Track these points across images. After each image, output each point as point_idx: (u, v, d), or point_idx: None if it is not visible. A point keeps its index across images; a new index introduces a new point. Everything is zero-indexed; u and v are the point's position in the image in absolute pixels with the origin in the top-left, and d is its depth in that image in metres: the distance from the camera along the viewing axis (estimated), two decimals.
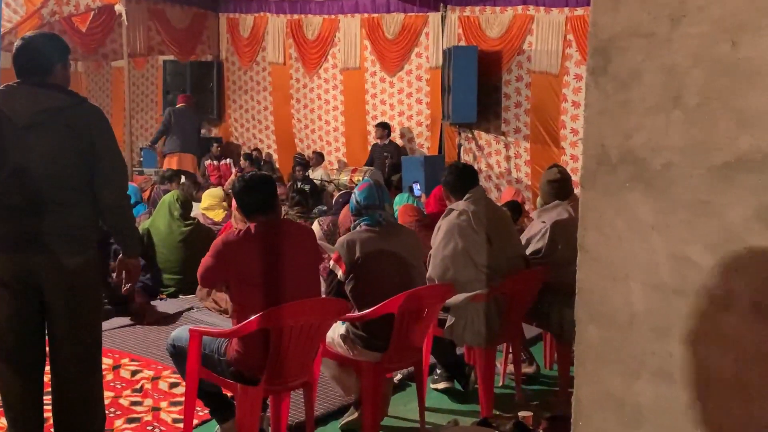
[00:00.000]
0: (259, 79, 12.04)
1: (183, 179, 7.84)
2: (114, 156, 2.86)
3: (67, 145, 2.73)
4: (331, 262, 3.37)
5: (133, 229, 3.01)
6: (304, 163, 10.54)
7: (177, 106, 10.17)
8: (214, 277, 3.05)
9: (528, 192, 8.95)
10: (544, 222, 4.06)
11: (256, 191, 3.08)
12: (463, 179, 3.83)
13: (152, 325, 5.08)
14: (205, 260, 3.05)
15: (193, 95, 10.87)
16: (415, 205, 6.01)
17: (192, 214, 6.54)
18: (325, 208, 7.61)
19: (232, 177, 9.65)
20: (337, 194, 7.40)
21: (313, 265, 3.16)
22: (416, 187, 7.78)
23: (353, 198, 3.52)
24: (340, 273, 3.37)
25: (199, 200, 7.27)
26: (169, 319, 5.21)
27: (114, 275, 4.60)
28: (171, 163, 9.74)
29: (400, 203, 6.80)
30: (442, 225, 3.72)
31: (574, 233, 1.68)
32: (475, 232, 3.62)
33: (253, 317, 2.84)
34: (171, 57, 11.86)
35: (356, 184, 9.43)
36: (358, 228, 3.47)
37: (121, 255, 2.99)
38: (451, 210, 3.73)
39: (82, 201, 2.80)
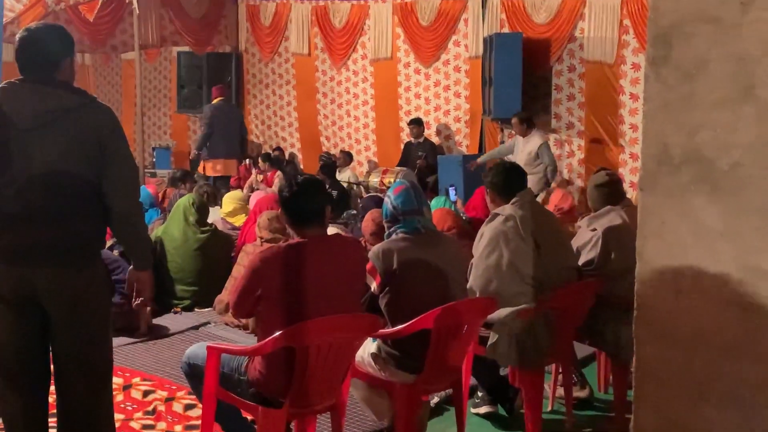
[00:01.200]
0: (281, 71, 12.15)
1: (203, 182, 7.91)
2: (126, 161, 2.89)
3: (75, 149, 2.75)
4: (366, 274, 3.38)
5: (145, 240, 3.05)
6: (331, 164, 10.60)
7: (214, 101, 9.81)
8: (251, 302, 2.98)
9: (582, 196, 8.88)
10: (595, 229, 4.03)
11: (310, 200, 3.05)
12: (509, 181, 3.83)
13: (159, 338, 5.14)
14: (240, 283, 3.00)
15: (223, 86, 10.36)
16: (452, 209, 6.01)
17: (212, 220, 6.63)
18: (354, 212, 7.64)
19: (276, 180, 9.74)
20: (366, 197, 7.43)
21: (359, 283, 3.18)
22: (452, 191, 7.76)
23: (388, 202, 3.53)
24: (374, 286, 3.39)
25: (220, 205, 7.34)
26: (185, 335, 5.27)
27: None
28: (215, 170, 9.66)
29: (435, 208, 6.81)
30: (486, 231, 3.71)
31: (629, 241, 1.67)
32: (522, 240, 3.61)
33: (277, 333, 2.86)
34: (186, 48, 12.02)
35: (388, 187, 9.53)
36: (393, 236, 3.48)
37: (132, 267, 3.02)
38: (496, 215, 3.72)
39: (90, 210, 2.82)
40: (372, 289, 3.40)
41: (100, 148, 2.78)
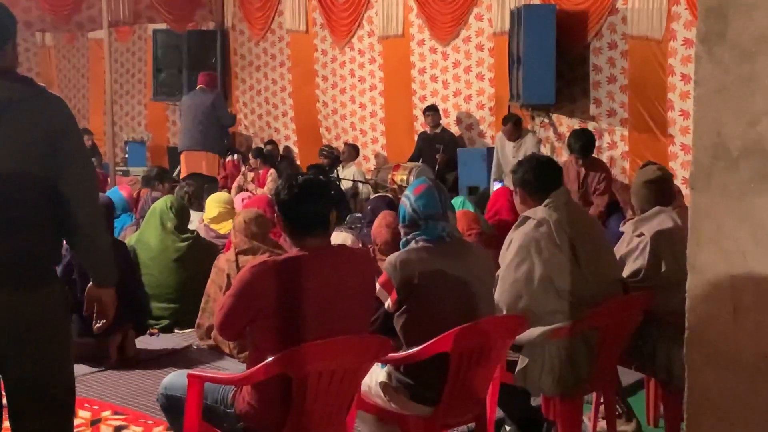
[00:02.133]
0: (274, 51, 12.18)
1: (184, 181, 7.93)
2: (85, 161, 2.89)
3: (22, 149, 2.72)
4: (377, 287, 3.34)
5: (107, 252, 3.03)
6: (333, 159, 10.63)
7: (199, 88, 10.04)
8: (241, 323, 2.98)
9: (626, 194, 8.85)
10: (642, 234, 4.02)
11: (312, 204, 3.04)
12: (543, 178, 3.81)
13: (131, 360, 5.15)
14: (227, 301, 2.99)
15: (211, 74, 10.53)
16: (474, 212, 6.01)
17: (194, 226, 6.63)
18: (359, 215, 7.65)
19: (269, 180, 9.78)
20: (373, 197, 7.43)
21: (369, 301, 3.18)
22: (498, 184, 7.82)
23: (407, 204, 3.51)
24: (389, 302, 3.37)
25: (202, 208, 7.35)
26: (162, 360, 5.28)
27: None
28: (185, 167, 9.78)
29: (457, 209, 6.81)
30: (515, 238, 3.70)
31: (682, 247, 1.66)
32: (558, 249, 3.60)
33: (269, 359, 2.87)
34: (163, 25, 12.09)
35: (399, 185, 9.57)
36: (413, 244, 3.47)
37: (91, 284, 3.02)
38: (527, 218, 3.71)
39: (42, 219, 2.81)
40: (386, 306, 3.39)
41: (53, 148, 2.75)
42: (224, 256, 5.42)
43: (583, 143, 7.58)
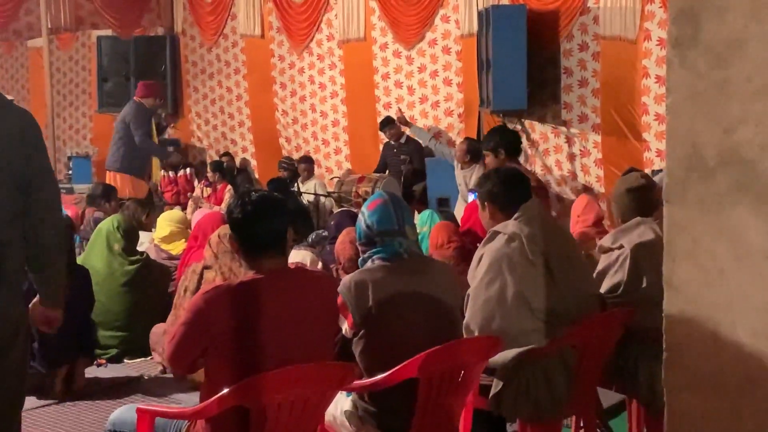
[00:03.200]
0: (228, 58, 12.13)
1: (129, 200, 7.85)
2: (52, 178, 2.96)
3: None
4: None
5: (62, 273, 3.10)
6: (294, 171, 10.59)
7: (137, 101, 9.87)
8: (194, 354, 2.96)
9: (603, 203, 8.90)
10: (622, 246, 4.04)
11: (266, 222, 3.03)
12: (512, 190, 3.82)
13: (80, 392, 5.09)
14: (179, 331, 2.97)
15: (150, 84, 10.20)
16: (451, 223, 6.00)
17: (144, 247, 6.57)
18: (325, 233, 7.61)
19: (227, 197, 9.71)
20: (336, 212, 7.41)
21: (331, 327, 3.18)
22: (472, 195, 7.80)
23: (361, 220, 3.51)
24: (345, 327, 3.36)
25: (147, 228, 7.28)
26: (110, 393, 5.22)
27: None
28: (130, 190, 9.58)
29: (425, 223, 6.81)
30: (485, 254, 3.70)
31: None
32: (531, 265, 3.60)
33: (224, 391, 2.84)
34: (108, 32, 12.01)
35: (365, 199, 9.47)
36: (369, 263, 3.45)
37: (39, 302, 3.04)
38: (496, 234, 3.71)
39: (15, 238, 2.86)
40: (343, 331, 3.37)
41: (25, 163, 2.82)
42: (192, 265, 5.41)
43: (511, 141, 7.24)
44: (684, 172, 1.61)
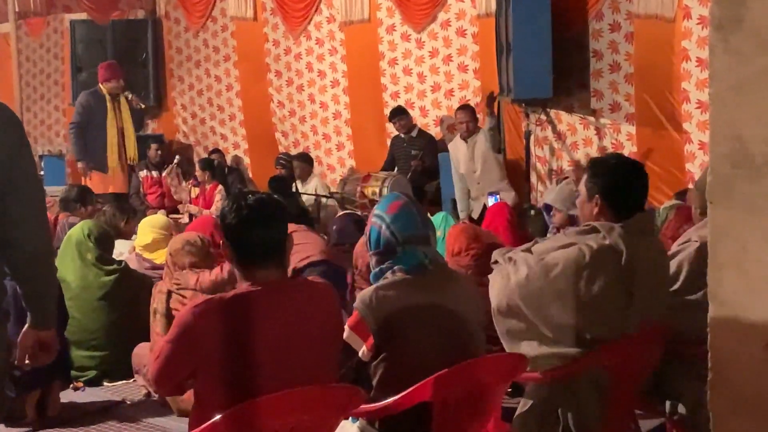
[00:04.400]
0: (216, 43, 12.14)
1: (106, 203, 7.85)
2: (38, 183, 3.01)
3: None
4: (346, 331, 3.28)
5: (55, 288, 3.13)
6: (292, 169, 10.57)
7: (96, 87, 9.98)
8: (181, 375, 2.97)
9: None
10: (689, 241, 3.99)
11: (264, 229, 3.03)
12: (634, 192, 3.73)
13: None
14: (165, 348, 2.96)
15: (107, 65, 10.36)
16: (471, 227, 5.99)
17: (126, 257, 6.55)
18: (325, 238, 7.62)
19: (218, 198, 9.72)
20: (338, 215, 7.41)
21: (334, 344, 3.16)
22: (492, 198, 7.78)
23: (380, 226, 3.42)
24: (363, 349, 3.30)
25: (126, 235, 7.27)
26: (89, 420, 5.20)
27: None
28: (104, 185, 9.63)
29: (438, 227, 6.79)
30: (573, 248, 3.60)
31: None
32: (616, 283, 3.56)
33: (216, 417, 2.83)
34: (83, 15, 12.00)
35: (371, 200, 9.48)
36: (389, 275, 3.39)
37: (29, 325, 3.05)
38: (594, 230, 3.68)
39: None
40: (360, 354, 3.32)
41: (7, 165, 2.84)
42: (159, 284, 5.43)
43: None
44: (729, 169, 1.61)
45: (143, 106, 10.63)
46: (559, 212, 5.16)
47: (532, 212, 8.60)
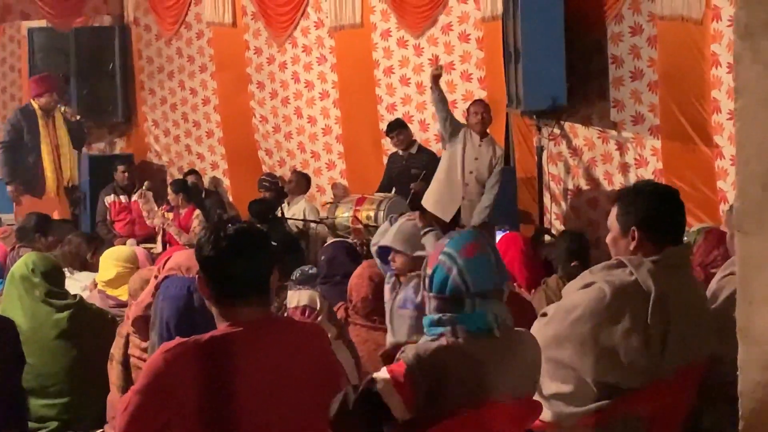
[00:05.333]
0: (191, 52, 12.18)
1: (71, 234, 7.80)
2: None
3: None
4: (380, 382, 3.09)
5: None
6: (277, 192, 10.56)
7: (28, 102, 10.05)
8: (151, 428, 2.94)
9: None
10: (733, 274, 3.97)
11: (246, 262, 3.03)
12: (669, 221, 3.71)
13: None
14: (133, 400, 2.93)
15: (56, 76, 10.53)
16: None
17: (89, 295, 6.51)
18: (312, 270, 7.55)
19: (195, 224, 9.70)
20: (328, 243, 7.37)
21: (326, 393, 3.10)
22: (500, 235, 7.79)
23: (451, 269, 3.25)
24: (398, 403, 3.10)
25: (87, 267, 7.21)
26: None
27: None
28: (26, 211, 9.65)
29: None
30: (596, 286, 3.58)
31: None
32: (644, 325, 3.52)
33: None
34: (42, 23, 12.03)
35: (366, 225, 9.51)
36: (447, 332, 3.21)
37: None
38: (622, 266, 3.62)
39: None
40: (392, 409, 3.10)
41: None
42: (120, 326, 5.43)
43: None
44: (760, 191, 1.58)
45: (79, 118, 10.70)
46: (402, 255, 5.09)
47: (546, 238, 8.58)
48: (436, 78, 8.96)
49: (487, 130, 9.05)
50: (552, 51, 8.86)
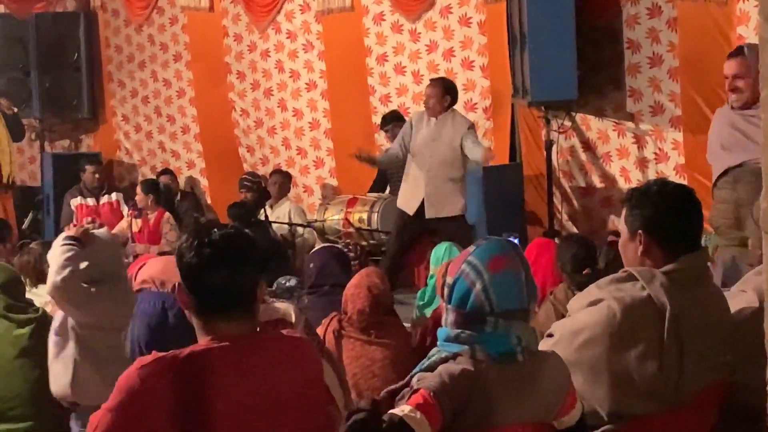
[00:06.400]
0: (164, 39, 12.18)
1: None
2: None
3: None
4: (405, 408, 3.06)
5: None
6: (260, 193, 10.54)
7: None
8: None
9: None
10: (744, 291, 3.98)
11: (230, 271, 3.03)
12: (680, 222, 3.68)
13: None
14: (104, 419, 2.93)
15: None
16: None
17: (44, 303, 6.52)
18: (290, 282, 7.57)
19: (165, 230, 9.69)
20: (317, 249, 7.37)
21: (315, 414, 3.14)
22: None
23: (475, 283, 3.21)
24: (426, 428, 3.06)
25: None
26: None
27: None
28: None
29: (439, 262, 6.77)
30: (604, 302, 3.57)
31: None
32: (658, 346, 3.54)
33: None
34: (0, 9, 11.99)
35: (358, 228, 9.49)
36: (466, 353, 3.20)
37: None
38: (633, 279, 3.62)
39: None
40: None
41: None
42: None
43: None
44: None
45: (15, 110, 10.72)
46: None
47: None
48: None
49: (445, 110, 8.87)
50: (561, 35, 8.86)
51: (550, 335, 3.72)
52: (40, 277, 6.77)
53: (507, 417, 3.19)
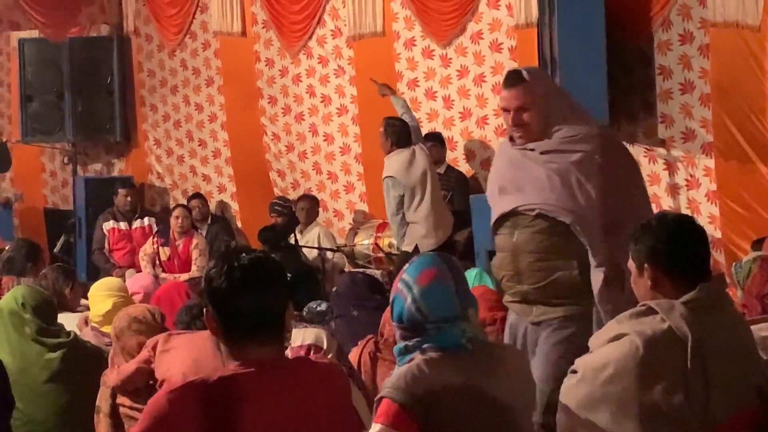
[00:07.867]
0: (197, 64, 12.23)
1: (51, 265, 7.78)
2: None
3: None
4: (379, 428, 3.18)
5: None
6: (291, 217, 10.55)
7: None
8: None
9: (719, 254, 8.79)
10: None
11: (259, 296, 3.04)
12: (684, 252, 3.68)
13: None
14: None
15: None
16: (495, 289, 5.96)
17: (83, 332, 6.51)
18: (321, 307, 7.54)
19: (195, 256, 9.70)
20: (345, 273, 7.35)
21: None
22: None
23: (406, 297, 3.37)
24: None
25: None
26: None
27: None
28: None
29: (470, 286, 6.73)
30: (628, 338, 3.56)
31: None
32: (682, 378, 3.52)
33: None
34: (35, 33, 12.10)
35: (388, 253, 9.41)
36: (417, 354, 3.34)
37: None
38: (652, 312, 3.60)
39: None
40: None
41: None
42: (106, 373, 5.44)
43: None
44: None
45: (4, 141, 10.78)
46: None
47: None
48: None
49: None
50: (592, 61, 8.82)
51: (574, 371, 3.71)
52: (61, 302, 6.75)
53: (494, 388, 3.30)
